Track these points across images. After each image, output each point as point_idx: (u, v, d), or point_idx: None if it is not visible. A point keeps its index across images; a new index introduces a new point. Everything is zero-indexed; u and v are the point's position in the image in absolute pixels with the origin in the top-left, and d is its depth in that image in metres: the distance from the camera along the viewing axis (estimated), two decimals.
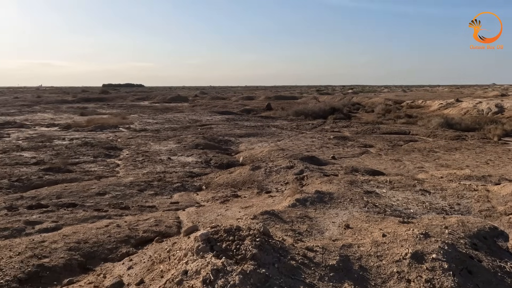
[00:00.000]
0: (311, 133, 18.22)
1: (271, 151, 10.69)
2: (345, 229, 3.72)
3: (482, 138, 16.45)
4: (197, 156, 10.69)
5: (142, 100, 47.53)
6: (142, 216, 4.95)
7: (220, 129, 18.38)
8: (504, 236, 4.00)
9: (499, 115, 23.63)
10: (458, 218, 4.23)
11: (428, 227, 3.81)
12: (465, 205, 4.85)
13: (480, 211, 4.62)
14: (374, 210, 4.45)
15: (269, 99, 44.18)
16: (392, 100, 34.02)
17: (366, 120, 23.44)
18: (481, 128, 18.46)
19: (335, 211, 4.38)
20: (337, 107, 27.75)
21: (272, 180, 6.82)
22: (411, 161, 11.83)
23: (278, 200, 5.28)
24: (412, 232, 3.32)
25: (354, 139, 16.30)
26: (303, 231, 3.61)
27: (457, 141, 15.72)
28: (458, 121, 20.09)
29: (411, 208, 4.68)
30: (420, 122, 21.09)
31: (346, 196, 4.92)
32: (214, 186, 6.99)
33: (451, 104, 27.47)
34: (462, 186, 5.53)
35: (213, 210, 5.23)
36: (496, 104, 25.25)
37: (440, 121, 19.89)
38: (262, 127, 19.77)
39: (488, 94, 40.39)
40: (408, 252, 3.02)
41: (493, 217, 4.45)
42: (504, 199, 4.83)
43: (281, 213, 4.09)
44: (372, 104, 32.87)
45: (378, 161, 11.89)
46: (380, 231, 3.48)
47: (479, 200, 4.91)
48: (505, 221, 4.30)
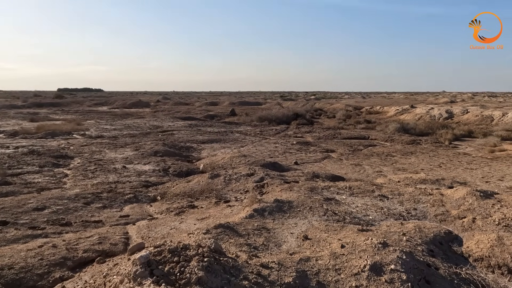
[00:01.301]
0: (274, 138, 18.19)
1: (233, 158, 10.43)
2: (304, 240, 3.54)
3: (434, 142, 17.25)
4: (155, 164, 10.17)
5: (100, 106, 45.42)
6: (85, 233, 4.47)
7: (182, 135, 17.84)
8: (458, 241, 4.02)
9: (449, 120, 25.09)
10: (415, 224, 4.20)
11: (386, 235, 3.73)
12: (421, 209, 4.88)
13: (436, 216, 4.65)
14: (334, 218, 4.33)
15: (233, 104, 43.99)
16: (352, 106, 35.12)
17: (328, 126, 23.90)
18: (433, 133, 19.40)
19: (294, 221, 4.20)
20: (300, 113, 28.10)
21: (232, 188, 6.55)
22: (371, 165, 12.08)
23: (237, 210, 5.02)
24: (371, 242, 3.20)
25: (316, 144, 16.46)
26: (259, 245, 3.39)
27: (412, 145, 16.36)
28: (413, 126, 21.01)
29: (370, 215, 4.62)
30: (379, 127, 21.82)
31: (306, 204, 4.77)
32: (170, 196, 6.60)
33: (406, 110, 28.79)
34: (418, 191, 5.60)
35: (167, 223, 4.86)
36: (446, 110, 26.80)
37: (396, 126, 20.69)
38: (225, 133, 19.47)
39: (439, 101, 42.98)
40: (366, 264, 2.88)
41: (448, 221, 4.49)
42: (457, 202, 4.92)
43: (237, 225, 3.84)
44: (333, 110, 33.70)
45: (339, 166, 12.01)
46: (339, 242, 3.33)
47: (434, 205, 4.97)
48: (459, 225, 4.34)
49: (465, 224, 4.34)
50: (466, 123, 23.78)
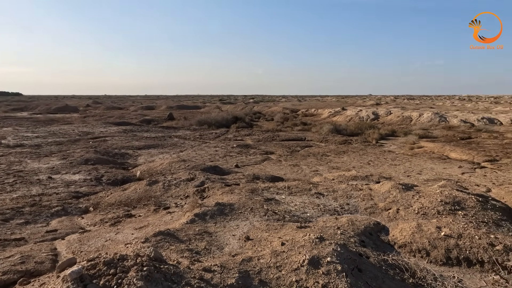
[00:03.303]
0: (214, 142, 18.10)
1: (172, 163, 10.14)
2: (246, 241, 3.59)
3: (364, 141, 18.64)
4: (86, 173, 9.46)
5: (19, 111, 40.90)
6: (3, 253, 3.99)
7: (116, 142, 16.86)
8: (385, 230, 4.41)
9: (375, 121, 27.32)
10: (348, 218, 4.51)
11: (323, 230, 3.94)
12: (353, 204, 5.26)
13: (366, 209, 5.05)
14: (274, 217, 4.46)
15: (171, 108, 42.80)
16: (289, 109, 36.45)
17: (266, 128, 24.47)
18: (362, 133, 20.94)
19: (235, 223, 4.24)
20: (239, 116, 28.36)
21: (172, 194, 6.37)
22: (308, 165, 12.65)
23: (177, 216, 4.90)
24: (309, 237, 3.36)
25: (256, 146, 16.75)
26: (201, 250, 3.35)
27: (344, 145, 17.49)
28: (345, 127, 22.47)
29: (308, 212, 4.85)
30: (314, 129, 22.93)
31: (247, 205, 4.84)
32: (104, 206, 6.19)
33: (338, 112, 30.71)
34: (350, 187, 6.02)
35: (101, 235, 4.56)
36: (373, 112, 29.14)
37: (330, 127, 21.95)
38: (163, 138, 18.86)
39: (366, 103, 46.63)
40: (305, 259, 3.02)
41: (376, 213, 4.90)
42: (383, 196, 5.40)
43: (178, 231, 3.75)
44: (272, 112, 34.63)
45: (278, 167, 12.37)
46: (280, 240, 3.44)
47: (364, 199, 5.39)
48: (385, 216, 4.77)
49: (390, 215, 4.77)
50: (390, 123, 26.13)
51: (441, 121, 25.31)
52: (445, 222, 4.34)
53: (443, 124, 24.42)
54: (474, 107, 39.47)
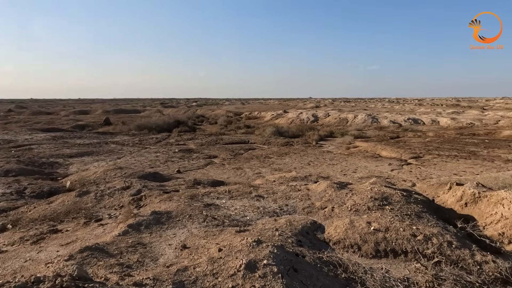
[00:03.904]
0: (155, 147, 17.44)
1: (107, 171, 9.53)
2: (182, 250, 3.47)
3: (304, 143, 19.33)
4: (5, 186, 8.48)
5: None
6: None
7: (43, 150, 15.42)
8: (321, 228, 4.58)
9: (315, 123, 28.52)
10: (286, 219, 4.60)
11: (261, 232, 3.96)
12: (292, 205, 5.39)
13: (303, 209, 5.21)
14: (213, 223, 4.39)
15: (107, 113, 40.39)
16: (233, 112, 36.55)
17: (210, 132, 24.24)
18: (303, 135, 21.72)
19: (172, 232, 4.08)
20: (182, 120, 27.73)
21: (105, 205, 5.96)
22: (251, 168, 12.75)
23: (110, 228, 4.59)
24: (246, 241, 3.35)
25: (199, 151, 16.49)
26: (133, 263, 3.16)
27: (286, 147, 17.96)
28: (286, 129, 23.12)
29: (247, 215, 4.85)
30: (257, 132, 23.25)
31: (186, 212, 4.70)
32: (26, 222, 5.58)
33: (280, 115, 31.52)
34: (289, 188, 6.18)
35: (20, 255, 4.09)
36: (312, 114, 30.40)
37: (272, 130, 22.41)
38: (99, 145, 17.70)
39: (307, 106, 48.59)
40: (242, 264, 3.00)
41: (313, 212, 5.08)
42: (320, 195, 5.62)
43: (108, 245, 3.50)
44: (215, 116, 34.41)
45: (222, 171, 12.29)
46: (217, 246, 3.38)
47: (302, 199, 5.56)
48: (322, 215, 4.96)
49: (326, 213, 4.98)
50: (328, 125, 27.48)
51: (374, 122, 27.26)
52: (374, 217, 4.63)
53: (375, 125, 26.31)
54: (401, 109, 43.21)
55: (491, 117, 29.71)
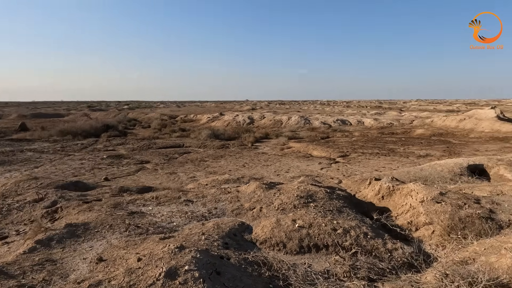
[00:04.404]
0: (80, 154, 16.16)
1: (19, 183, 8.54)
2: (98, 263, 3.23)
3: (240, 145, 19.50)
4: None
5: None
6: None
7: None
8: (249, 229, 4.63)
9: (251, 125, 28.95)
10: (214, 222, 4.56)
11: (187, 238, 3.87)
12: (221, 207, 5.37)
13: (232, 211, 5.22)
14: (136, 231, 4.17)
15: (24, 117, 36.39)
16: (168, 115, 35.47)
17: (142, 136, 23.20)
18: (239, 137, 21.90)
19: (89, 244, 3.79)
20: (111, 124, 26.11)
21: (13, 220, 5.31)
22: (185, 172, 12.47)
23: (16, 246, 4.10)
24: (168, 248, 3.24)
25: (130, 156, 15.69)
26: (38, 283, 2.85)
27: (222, 149, 17.93)
28: (223, 132, 23.10)
29: (174, 221, 4.71)
30: (193, 135, 22.86)
31: (106, 222, 4.40)
32: None
33: (217, 117, 31.41)
34: (219, 191, 6.15)
35: None
36: (248, 116, 30.81)
37: (208, 133, 22.23)
38: (12, 153, 15.85)
39: (243, 108, 49.15)
40: (162, 272, 2.89)
41: (242, 213, 5.12)
42: (249, 196, 5.69)
43: (9, 265, 3.11)
44: (148, 119, 33.05)
45: (154, 176, 11.83)
46: (137, 255, 3.22)
47: (231, 201, 5.57)
48: (250, 216, 5.02)
49: (254, 214, 5.05)
50: (264, 126, 28.10)
51: (306, 123, 28.55)
52: (299, 214, 4.82)
53: (307, 126, 27.58)
54: (331, 111, 45.99)
55: (407, 117, 33.05)
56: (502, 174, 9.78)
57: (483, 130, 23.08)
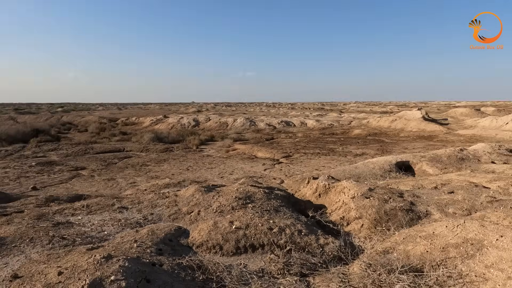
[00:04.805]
0: (4, 162, 14.66)
1: None
2: (11, 281, 2.95)
3: (185, 148, 19.13)
4: None
5: None
6: None
7: None
8: (186, 234, 4.57)
9: (196, 127, 28.57)
10: (149, 228, 4.42)
11: (117, 247, 3.71)
12: (158, 213, 5.23)
13: (170, 216, 5.11)
14: (61, 244, 3.89)
15: None
16: (107, 118, 33.61)
17: (78, 141, 21.69)
18: (184, 140, 21.48)
19: (3, 261, 3.44)
20: (42, 128, 24.05)
21: None
22: (125, 177, 11.92)
23: None
24: (94, 259, 3.08)
25: (64, 162, 14.60)
26: None
27: (166, 153, 17.45)
28: (166, 135, 22.48)
29: (105, 230, 4.48)
30: (134, 138, 21.93)
31: (27, 236, 4.04)
32: None
33: (160, 120, 30.49)
34: (157, 195, 5.98)
35: None
36: (193, 119, 30.36)
37: (151, 136, 21.49)
38: None
39: (188, 111, 48.30)
40: (85, 284, 2.73)
41: (179, 218, 5.03)
42: (188, 200, 5.61)
43: None
44: (85, 123, 31.00)
45: (90, 183, 11.13)
46: (58, 269, 3.00)
47: (169, 206, 5.45)
48: (187, 220, 4.95)
49: (192, 218, 4.99)
50: (209, 129, 27.89)
51: (252, 125, 28.90)
52: (237, 216, 4.87)
53: (253, 128, 27.94)
54: (276, 113, 47.09)
55: (346, 118, 35.03)
56: (425, 169, 10.82)
57: (411, 130, 25.28)
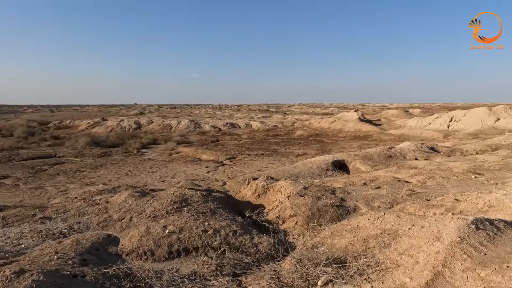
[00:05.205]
0: None
1: None
2: None
3: (125, 152, 18.26)
4: None
5: None
6: None
7: None
8: (116, 241, 4.37)
9: (138, 130, 27.44)
10: (74, 238, 4.16)
11: (34, 260, 3.44)
12: (85, 221, 4.94)
13: (99, 224, 4.85)
14: None
15: None
16: (37, 122, 30.89)
17: (1, 146, 19.61)
18: (124, 143, 20.50)
19: None
20: None
21: None
22: (55, 185, 11.05)
23: None
24: (2, 275, 2.82)
25: None
26: None
27: (103, 158, 16.50)
28: (105, 139, 21.28)
29: (23, 243, 4.12)
30: (68, 143, 20.43)
31: None
32: None
33: (98, 123, 28.78)
34: (87, 203, 5.64)
35: None
36: (135, 121, 29.13)
37: (87, 140, 20.19)
38: None
39: (130, 113, 46.22)
40: None
41: (109, 225, 4.80)
42: (119, 206, 5.38)
43: None
44: (10, 126, 28.12)
45: (13, 193, 10.13)
46: None
47: (98, 213, 5.17)
48: (118, 227, 4.75)
49: (123, 224, 4.80)
50: (152, 131, 26.95)
51: (196, 127, 28.51)
52: (171, 220, 4.78)
53: (198, 130, 27.57)
54: (222, 115, 47.00)
55: (290, 120, 36.14)
56: (358, 167, 11.57)
57: (349, 130, 26.87)
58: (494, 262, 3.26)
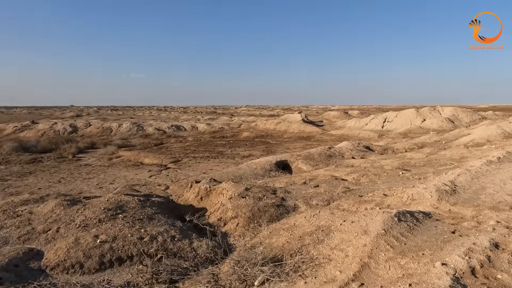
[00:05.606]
0: None
1: None
2: None
3: (58, 157, 16.92)
4: None
5: None
6: None
7: None
8: (39, 255, 4.02)
9: (74, 134, 25.60)
10: None
11: None
12: (3, 235, 4.46)
13: (19, 237, 4.42)
14: None
15: None
16: None
17: None
18: (57, 148, 18.98)
19: None
20: None
21: None
22: None
23: None
24: None
25: None
26: None
27: (32, 164, 15.13)
28: (35, 144, 19.52)
29: None
30: None
31: None
32: None
33: (28, 126, 26.33)
34: (5, 215, 5.10)
35: None
36: (70, 124, 27.13)
37: (14, 145, 18.37)
38: None
39: (65, 115, 42.89)
40: None
41: (32, 238, 4.40)
42: (45, 217, 4.95)
43: None
44: None
45: None
46: None
47: (19, 226, 4.71)
48: (43, 239, 4.37)
49: (49, 237, 4.42)
50: (90, 135, 25.30)
51: (139, 130, 27.36)
52: (104, 228, 4.51)
53: (140, 133, 26.47)
54: (167, 117, 45.68)
55: (236, 122, 36.27)
56: (300, 166, 11.97)
57: (293, 131, 27.70)
58: (412, 251, 3.58)
